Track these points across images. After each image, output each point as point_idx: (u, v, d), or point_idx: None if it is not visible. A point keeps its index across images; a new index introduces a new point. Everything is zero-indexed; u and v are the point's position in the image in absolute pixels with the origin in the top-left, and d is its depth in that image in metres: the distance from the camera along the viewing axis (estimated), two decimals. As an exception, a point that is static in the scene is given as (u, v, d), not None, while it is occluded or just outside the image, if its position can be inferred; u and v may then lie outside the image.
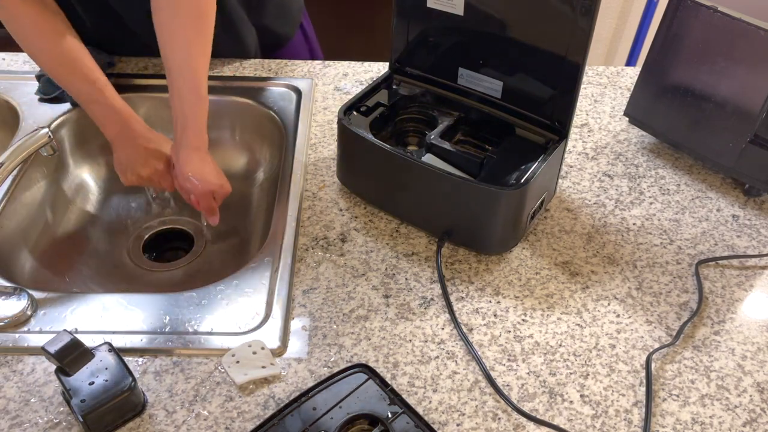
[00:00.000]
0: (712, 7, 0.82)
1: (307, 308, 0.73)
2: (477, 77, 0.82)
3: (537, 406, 0.65)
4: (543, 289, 0.77)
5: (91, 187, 1.01)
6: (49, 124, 0.94)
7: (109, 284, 0.89)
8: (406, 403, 0.63)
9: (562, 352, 0.70)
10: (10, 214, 0.86)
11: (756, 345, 0.72)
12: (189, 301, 0.73)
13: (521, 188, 0.74)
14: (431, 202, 0.79)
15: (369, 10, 1.98)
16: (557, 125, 0.78)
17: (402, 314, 0.73)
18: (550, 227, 0.84)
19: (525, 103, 0.80)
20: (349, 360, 0.69)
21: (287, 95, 1.02)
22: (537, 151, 0.78)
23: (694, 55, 0.86)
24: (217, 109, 1.03)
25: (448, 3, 0.77)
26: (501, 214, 0.76)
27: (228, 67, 1.07)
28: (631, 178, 0.92)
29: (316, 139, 0.96)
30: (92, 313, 0.72)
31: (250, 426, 0.63)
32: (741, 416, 0.66)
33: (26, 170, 0.90)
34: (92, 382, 0.60)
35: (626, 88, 1.08)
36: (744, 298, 0.77)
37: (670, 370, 0.69)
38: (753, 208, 0.88)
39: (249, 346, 0.68)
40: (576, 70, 0.72)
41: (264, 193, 1.00)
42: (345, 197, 0.87)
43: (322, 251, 0.80)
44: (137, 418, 0.63)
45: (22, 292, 0.72)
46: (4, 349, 0.68)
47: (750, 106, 0.83)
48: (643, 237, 0.84)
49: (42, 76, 0.99)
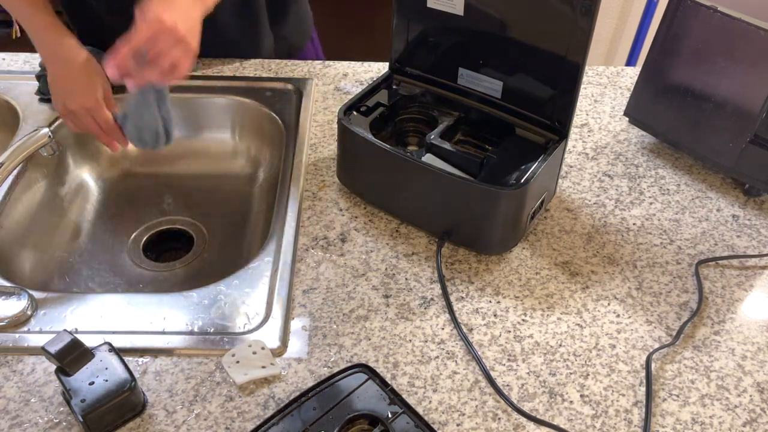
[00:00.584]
0: (712, 7, 0.82)
1: (307, 308, 0.73)
2: (477, 77, 0.82)
3: (537, 406, 0.65)
4: (543, 289, 0.77)
5: (91, 187, 1.01)
6: (49, 124, 0.94)
7: (109, 284, 0.89)
8: (406, 403, 0.63)
9: (562, 352, 0.70)
10: (10, 214, 0.86)
11: (756, 345, 0.72)
12: (189, 301, 0.73)
13: (521, 188, 0.74)
14: (431, 202, 0.79)
15: (369, 10, 1.99)
16: (557, 125, 0.78)
17: (402, 314, 0.73)
18: (550, 227, 0.84)
19: (525, 103, 0.80)
20: (349, 360, 0.69)
21: (287, 95, 1.02)
22: (537, 151, 0.78)
23: (694, 55, 0.86)
24: (217, 109, 1.03)
25: (448, 3, 0.77)
26: (501, 214, 0.76)
27: (228, 67, 1.07)
28: (631, 178, 0.92)
29: (316, 139, 0.96)
30: (92, 313, 0.72)
31: (250, 426, 0.63)
32: (741, 416, 0.66)
33: (26, 170, 0.90)
34: (92, 382, 0.60)
35: (626, 88, 1.08)
36: (744, 298, 0.77)
37: (670, 370, 0.69)
38: (753, 208, 0.88)
39: (249, 346, 0.68)
40: (576, 70, 0.72)
41: (264, 193, 1.00)
42: (345, 197, 0.87)
43: (322, 251, 0.80)
44: (137, 418, 0.63)
45: (22, 292, 0.72)
46: (4, 349, 0.68)
47: (750, 106, 0.83)
48: (643, 237, 0.84)
49: (42, 76, 0.99)
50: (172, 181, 1.04)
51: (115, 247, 0.94)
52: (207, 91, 1.03)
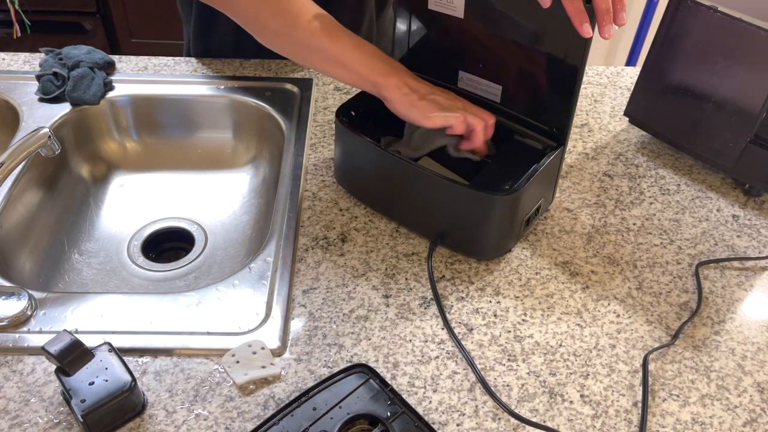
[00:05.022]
0: (712, 7, 0.82)
1: (307, 308, 0.73)
2: (477, 81, 0.82)
3: (537, 406, 0.65)
4: (543, 289, 0.77)
5: (91, 188, 1.01)
6: (49, 125, 0.94)
7: (109, 284, 0.89)
8: (406, 403, 0.63)
9: (562, 352, 0.70)
10: (10, 214, 0.86)
11: (756, 345, 0.72)
12: (189, 301, 0.73)
13: (513, 194, 0.73)
14: (425, 205, 0.79)
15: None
16: (555, 132, 0.78)
17: (402, 314, 0.73)
18: (550, 227, 0.84)
19: (524, 108, 0.80)
20: (349, 360, 0.69)
21: (287, 95, 1.02)
22: (534, 157, 0.77)
23: (694, 55, 0.86)
24: (217, 109, 1.03)
25: (448, 5, 0.77)
26: (493, 219, 0.76)
27: (228, 67, 1.07)
28: (631, 178, 0.92)
29: (316, 139, 0.96)
30: (92, 313, 0.72)
31: (250, 426, 0.63)
32: (741, 416, 0.66)
33: (26, 170, 0.90)
34: (92, 382, 0.60)
35: (626, 88, 1.08)
36: (744, 298, 0.77)
37: (670, 370, 0.69)
38: (753, 208, 0.88)
39: (249, 346, 0.68)
40: (574, 75, 0.72)
41: (264, 193, 1.00)
42: (345, 197, 0.87)
43: (322, 251, 0.80)
44: (137, 418, 0.63)
45: (22, 292, 0.72)
46: (4, 349, 0.68)
47: (750, 106, 0.83)
48: (643, 237, 0.84)
49: (42, 76, 0.99)
50: (172, 181, 1.04)
51: (115, 247, 0.95)
52: (207, 91, 1.03)
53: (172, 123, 1.04)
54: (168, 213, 0.99)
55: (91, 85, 0.98)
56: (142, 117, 1.03)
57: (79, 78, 0.98)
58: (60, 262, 0.90)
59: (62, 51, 1.02)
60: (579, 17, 0.64)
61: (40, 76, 1.00)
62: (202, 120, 1.04)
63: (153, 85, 1.03)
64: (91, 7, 2.20)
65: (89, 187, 1.01)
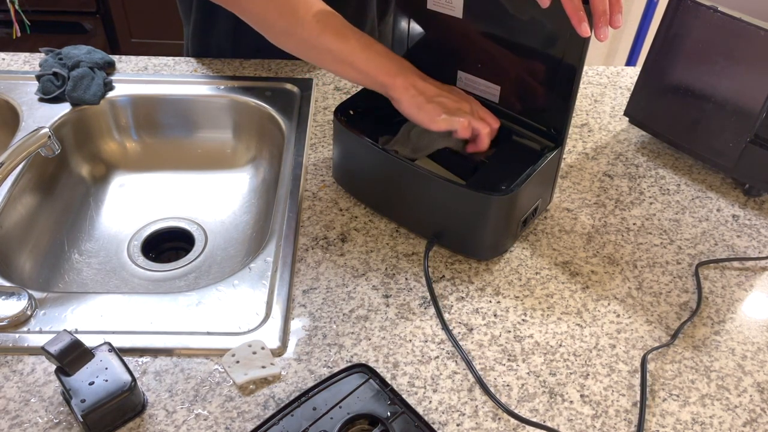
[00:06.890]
0: (712, 7, 0.82)
1: (307, 308, 0.73)
2: (475, 81, 0.82)
3: (537, 406, 0.65)
4: (543, 289, 0.77)
5: (91, 188, 1.01)
6: (49, 125, 0.94)
7: (109, 284, 0.89)
8: (406, 403, 0.63)
9: (562, 352, 0.70)
10: (10, 214, 0.86)
11: (756, 345, 0.72)
12: (189, 301, 0.73)
13: (509, 195, 0.73)
14: (422, 205, 0.79)
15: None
16: (553, 132, 0.78)
17: (402, 314, 0.73)
18: (550, 227, 0.84)
19: (522, 108, 0.80)
20: (349, 360, 0.69)
21: (287, 95, 1.02)
22: (531, 158, 0.77)
23: (694, 55, 0.86)
24: (217, 109, 1.03)
25: (447, 4, 0.77)
26: (489, 219, 0.75)
27: (228, 67, 1.07)
28: (631, 178, 0.92)
29: (316, 139, 0.96)
30: (92, 313, 0.72)
31: (250, 426, 0.63)
32: (741, 416, 0.66)
33: (26, 170, 0.90)
34: (92, 382, 0.60)
35: (626, 88, 1.08)
36: (744, 298, 0.77)
37: (670, 370, 0.69)
38: (753, 208, 0.88)
39: (249, 346, 0.68)
40: (572, 75, 0.71)
41: (264, 193, 1.00)
42: (345, 197, 0.87)
43: (322, 251, 0.80)
44: (137, 418, 0.63)
45: (22, 292, 0.72)
46: (4, 349, 0.68)
47: (750, 106, 0.83)
48: (643, 237, 0.84)
49: (42, 76, 0.99)
50: (172, 181, 1.04)
51: (115, 247, 0.95)
52: (207, 91, 1.03)
53: (172, 123, 1.04)
54: (168, 213, 0.99)
55: (91, 85, 0.98)
56: (142, 117, 1.03)
57: (79, 78, 0.98)
58: (60, 262, 0.90)
59: (62, 51, 1.02)
60: (577, 16, 0.65)
61: (40, 76, 1.00)
62: (202, 120, 1.04)
63: (153, 85, 1.03)
64: (91, 7, 2.20)
65: (89, 187, 1.01)
